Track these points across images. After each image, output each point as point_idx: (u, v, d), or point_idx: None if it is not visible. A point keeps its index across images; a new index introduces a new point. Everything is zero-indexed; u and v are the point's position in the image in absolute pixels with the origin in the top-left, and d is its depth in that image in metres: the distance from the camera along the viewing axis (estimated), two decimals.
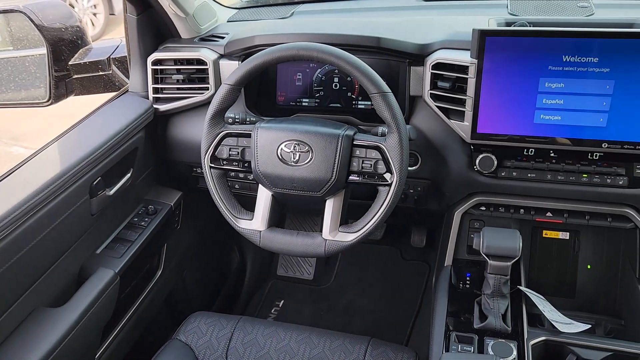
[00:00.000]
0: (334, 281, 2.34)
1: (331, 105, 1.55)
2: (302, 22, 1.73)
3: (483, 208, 1.46)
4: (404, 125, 1.20)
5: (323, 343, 1.38)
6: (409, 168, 1.46)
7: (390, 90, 1.20)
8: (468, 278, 1.42)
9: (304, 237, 1.28)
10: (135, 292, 1.59)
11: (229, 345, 1.39)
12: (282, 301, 2.25)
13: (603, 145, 1.27)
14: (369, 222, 1.23)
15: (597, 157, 1.32)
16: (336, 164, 1.21)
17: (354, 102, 1.53)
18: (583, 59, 1.20)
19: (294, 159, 1.23)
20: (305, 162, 1.23)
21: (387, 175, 1.21)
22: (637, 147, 1.24)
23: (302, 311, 2.21)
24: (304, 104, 1.56)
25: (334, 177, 1.22)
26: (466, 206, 1.46)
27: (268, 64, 1.23)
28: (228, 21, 1.79)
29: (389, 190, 1.21)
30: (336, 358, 1.35)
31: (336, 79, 1.53)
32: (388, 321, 2.12)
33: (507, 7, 1.62)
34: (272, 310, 2.21)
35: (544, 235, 1.54)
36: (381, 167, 1.21)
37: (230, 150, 1.29)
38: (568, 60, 1.21)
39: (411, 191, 1.52)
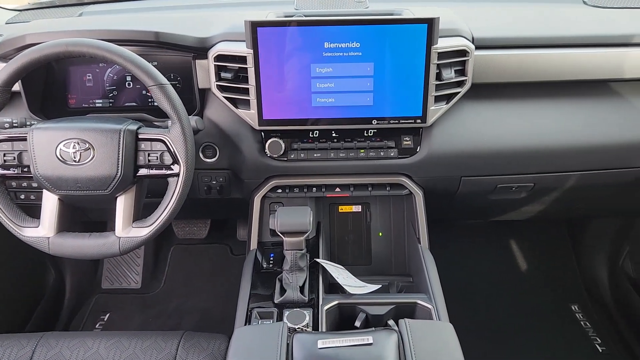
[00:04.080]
0: (164, 286, 2.30)
1: (127, 104, 1.52)
2: (83, 21, 1.67)
3: (280, 190, 1.53)
4: (186, 116, 1.23)
5: (134, 344, 1.35)
6: (208, 160, 1.49)
7: (168, 82, 1.21)
8: (272, 258, 1.49)
9: (96, 238, 1.25)
10: None
11: None
12: (108, 314, 2.16)
13: (373, 122, 1.41)
14: (161, 214, 1.23)
15: (372, 134, 1.46)
16: (120, 160, 1.20)
17: (149, 100, 1.52)
18: (345, 45, 1.32)
19: (75, 158, 1.20)
20: (87, 160, 1.20)
21: (175, 166, 1.23)
22: (400, 122, 1.40)
23: (129, 321, 2.14)
24: (97, 105, 1.52)
25: (119, 173, 1.21)
26: (264, 190, 1.52)
27: (37, 62, 1.18)
28: (6, 23, 1.67)
29: (178, 181, 1.23)
30: (148, 357, 1.32)
31: (129, 78, 1.51)
32: (218, 316, 2.14)
33: (294, 2, 1.73)
34: (97, 325, 2.11)
35: (340, 211, 1.67)
36: (167, 159, 1.23)
37: (5, 156, 1.22)
38: (332, 46, 1.32)
39: (214, 182, 1.55)
